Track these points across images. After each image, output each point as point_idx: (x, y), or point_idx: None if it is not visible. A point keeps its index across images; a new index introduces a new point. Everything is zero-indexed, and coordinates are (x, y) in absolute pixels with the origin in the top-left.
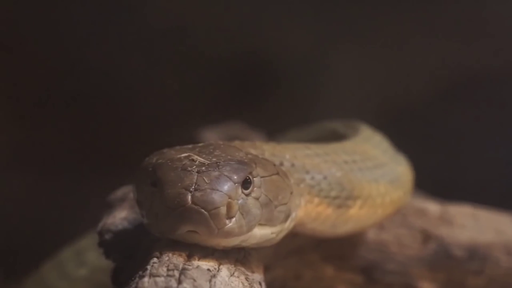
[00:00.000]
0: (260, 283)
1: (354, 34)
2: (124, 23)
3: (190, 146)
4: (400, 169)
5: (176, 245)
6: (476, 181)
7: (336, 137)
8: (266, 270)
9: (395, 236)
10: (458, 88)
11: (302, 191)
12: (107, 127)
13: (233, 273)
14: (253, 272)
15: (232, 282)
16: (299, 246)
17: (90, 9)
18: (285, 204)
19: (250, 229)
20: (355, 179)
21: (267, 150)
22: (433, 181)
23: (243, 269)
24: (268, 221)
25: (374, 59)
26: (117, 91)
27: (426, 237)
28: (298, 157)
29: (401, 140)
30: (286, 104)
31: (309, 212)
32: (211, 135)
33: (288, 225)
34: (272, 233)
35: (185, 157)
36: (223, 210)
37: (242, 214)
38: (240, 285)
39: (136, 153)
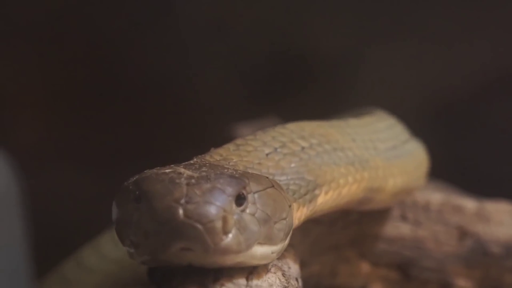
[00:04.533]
0: (297, 279)
1: (392, 30)
2: (164, 18)
3: (172, 165)
4: (368, 156)
5: None
6: None
7: None
8: (303, 266)
9: (432, 232)
10: (498, 85)
11: None
12: (144, 122)
13: (270, 269)
14: (289, 268)
15: (269, 278)
16: (335, 242)
17: (131, 4)
18: (285, 219)
19: (249, 247)
20: (315, 167)
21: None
22: (472, 176)
23: (280, 264)
24: (268, 240)
25: (412, 55)
26: (154, 86)
27: (463, 233)
28: (262, 161)
29: (439, 136)
30: (323, 100)
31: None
32: (246, 130)
33: (288, 241)
34: (272, 253)
35: (171, 171)
36: (219, 224)
37: (239, 230)
38: (277, 281)
39: (173, 148)
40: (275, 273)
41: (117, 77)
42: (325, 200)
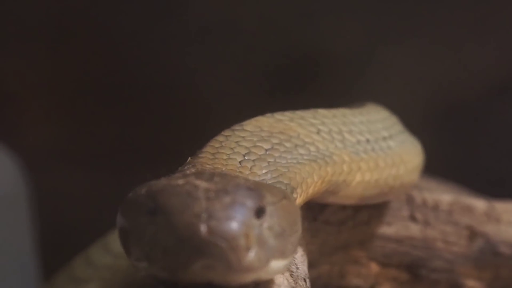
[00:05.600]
0: (305, 280)
1: (400, 30)
2: (170, 17)
3: (179, 174)
4: (332, 150)
5: None
6: None
7: None
8: (311, 266)
9: (441, 233)
10: (507, 84)
11: None
12: (149, 122)
13: None
14: (297, 268)
15: (276, 278)
16: (344, 242)
17: (137, 3)
18: (297, 231)
19: (267, 262)
20: (285, 170)
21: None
22: (481, 177)
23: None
24: (282, 254)
25: (420, 55)
26: (158, 85)
27: (472, 234)
28: (239, 169)
29: (448, 136)
30: (330, 99)
31: None
32: None
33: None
34: (284, 266)
35: (185, 183)
36: (243, 241)
37: (259, 245)
38: (285, 281)
39: (178, 147)
40: (282, 273)
41: (122, 76)
42: (298, 202)
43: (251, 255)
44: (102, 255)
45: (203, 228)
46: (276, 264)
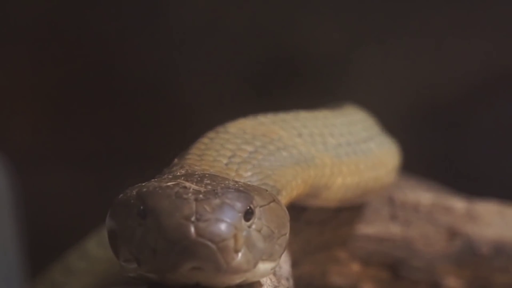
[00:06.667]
0: (287, 279)
1: (383, 30)
2: (157, 20)
3: (170, 176)
4: (314, 153)
5: None
6: (508, 177)
7: None
8: (294, 266)
9: (421, 233)
10: (491, 84)
11: None
12: (137, 123)
13: None
14: (280, 267)
15: None
16: (326, 242)
17: (124, 6)
18: (285, 234)
19: (255, 264)
20: (270, 172)
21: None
22: (463, 177)
23: None
24: (270, 256)
25: (404, 55)
26: (147, 87)
27: (453, 234)
28: (225, 171)
29: (430, 137)
30: (315, 99)
31: None
32: None
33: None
34: (271, 269)
35: (175, 184)
36: (232, 243)
37: (247, 248)
38: (268, 281)
39: (166, 148)
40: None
41: (110, 78)
42: (283, 205)
43: (240, 257)
44: (80, 260)
45: (192, 229)
46: (264, 266)
